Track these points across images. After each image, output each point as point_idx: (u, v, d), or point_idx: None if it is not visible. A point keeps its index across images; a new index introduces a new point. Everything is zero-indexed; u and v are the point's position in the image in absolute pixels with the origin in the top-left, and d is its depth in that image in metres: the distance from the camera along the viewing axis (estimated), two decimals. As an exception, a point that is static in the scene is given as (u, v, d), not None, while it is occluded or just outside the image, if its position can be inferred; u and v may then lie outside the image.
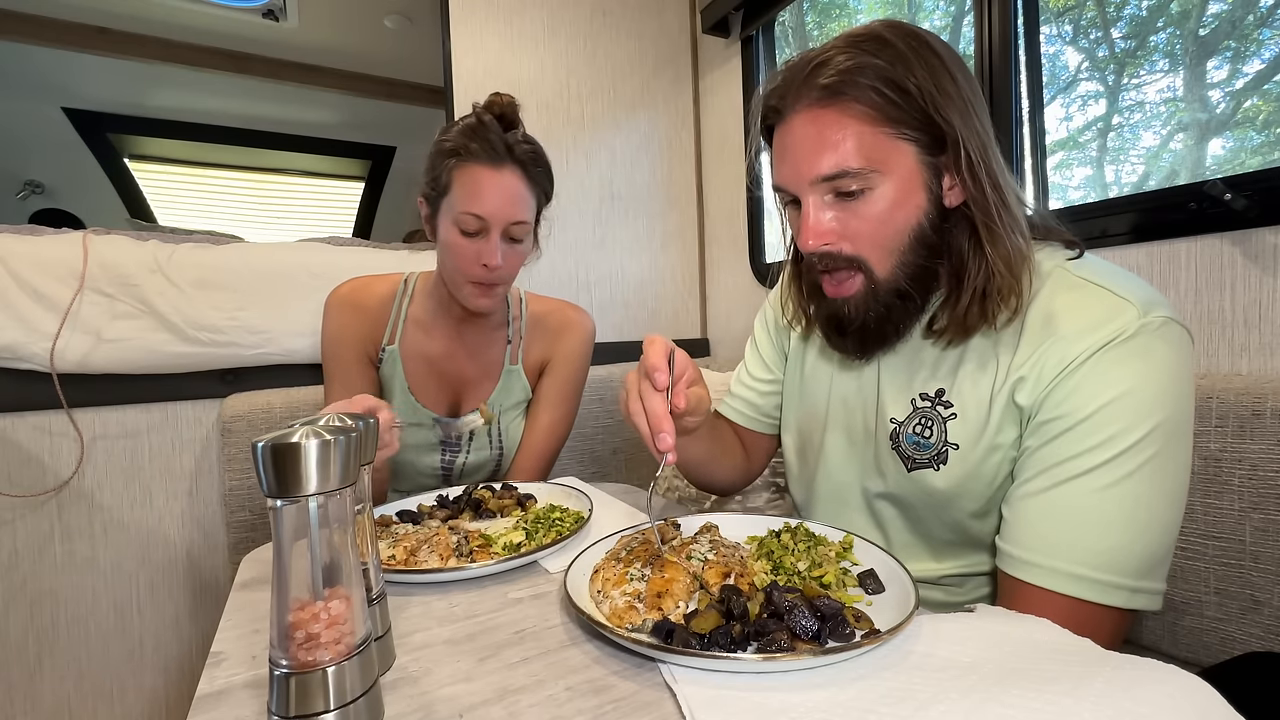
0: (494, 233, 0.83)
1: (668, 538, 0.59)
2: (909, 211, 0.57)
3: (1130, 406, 0.51)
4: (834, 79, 0.54)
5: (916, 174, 0.56)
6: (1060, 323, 0.55)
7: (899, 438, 0.65)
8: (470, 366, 0.97)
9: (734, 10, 1.59)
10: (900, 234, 0.57)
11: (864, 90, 0.54)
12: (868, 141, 0.55)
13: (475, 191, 0.82)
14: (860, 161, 0.55)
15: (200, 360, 1.14)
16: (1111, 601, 0.51)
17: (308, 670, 0.35)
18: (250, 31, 2.14)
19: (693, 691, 0.39)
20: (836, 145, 0.55)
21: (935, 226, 0.58)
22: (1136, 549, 0.51)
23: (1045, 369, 0.54)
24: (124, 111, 2.45)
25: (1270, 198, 0.75)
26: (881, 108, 0.54)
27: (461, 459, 0.98)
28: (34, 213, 2.57)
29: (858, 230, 0.57)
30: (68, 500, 1.10)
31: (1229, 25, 0.92)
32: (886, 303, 0.59)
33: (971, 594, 0.66)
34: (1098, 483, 0.51)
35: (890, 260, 0.58)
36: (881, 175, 0.56)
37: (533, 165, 0.86)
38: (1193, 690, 0.34)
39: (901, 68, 0.53)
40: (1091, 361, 0.52)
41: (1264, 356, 0.77)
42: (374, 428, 0.47)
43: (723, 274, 1.79)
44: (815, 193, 0.58)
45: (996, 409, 0.57)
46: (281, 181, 2.99)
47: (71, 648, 1.11)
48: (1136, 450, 0.51)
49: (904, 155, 0.55)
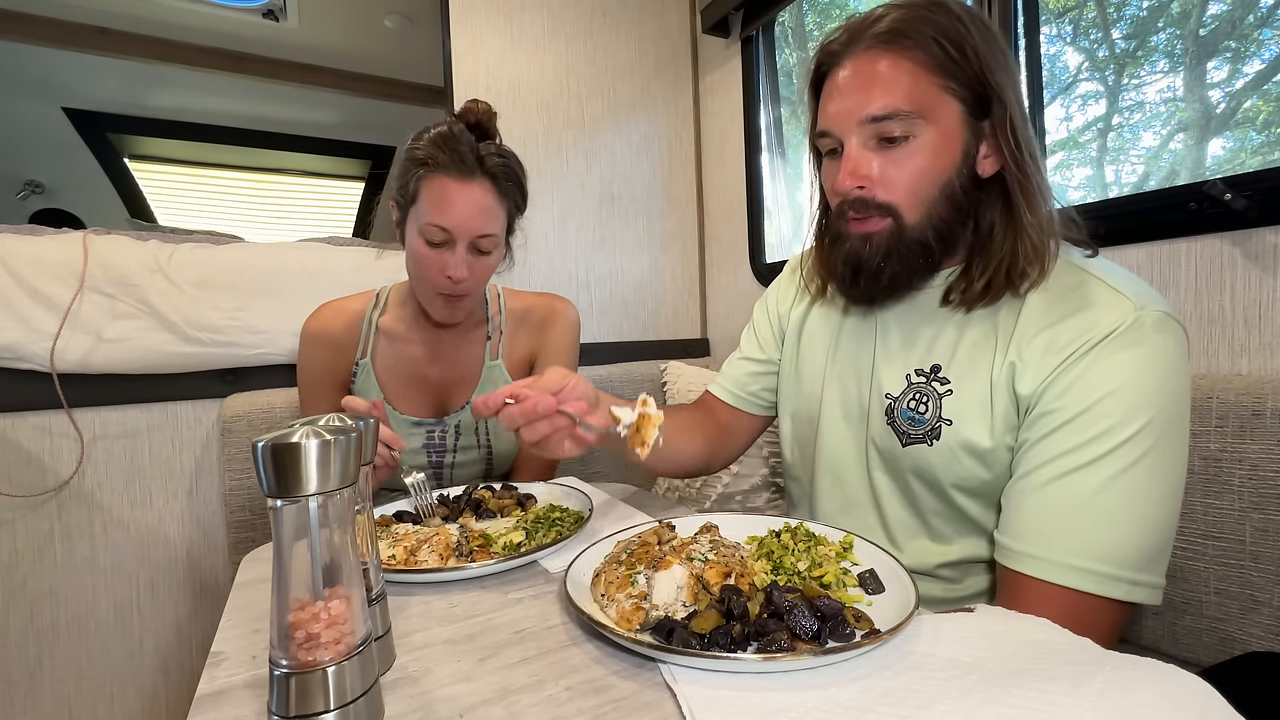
0: (459, 245, 0.83)
1: (664, 539, 0.59)
2: (944, 166, 0.58)
3: (1127, 400, 0.52)
4: (898, 25, 0.57)
5: (958, 131, 0.58)
6: (1057, 313, 0.56)
7: (894, 413, 0.65)
8: (450, 368, 0.98)
9: (734, 10, 1.59)
10: (934, 185, 0.59)
11: (924, 39, 0.56)
12: (920, 88, 0.56)
13: (441, 204, 0.81)
14: (910, 105, 0.56)
15: (200, 360, 1.14)
16: (1111, 593, 0.51)
17: (308, 670, 0.35)
18: (250, 31, 2.14)
19: (693, 691, 0.39)
20: (891, 86, 0.57)
21: (965, 188, 0.59)
22: (1136, 541, 0.52)
23: (1043, 359, 0.56)
24: (124, 111, 2.45)
25: (1270, 198, 0.75)
26: (939, 59, 0.56)
27: (450, 458, 0.98)
28: (34, 213, 2.57)
29: (894, 177, 0.59)
30: (68, 500, 1.10)
31: (1229, 25, 0.92)
32: (907, 250, 0.60)
33: (971, 589, 0.66)
34: (1097, 476, 0.52)
35: (919, 210, 0.59)
36: (926, 124, 0.57)
37: (504, 178, 0.85)
38: (1193, 690, 0.34)
39: (961, 29, 0.56)
40: (1090, 356, 0.53)
41: (1264, 356, 0.77)
42: (374, 428, 0.47)
43: (723, 274, 1.78)
44: (860, 134, 0.59)
45: (995, 390, 0.58)
46: (281, 181, 2.99)
47: (71, 648, 1.11)
48: (1134, 443, 0.51)
49: (950, 110, 0.57)
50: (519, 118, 1.55)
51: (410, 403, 0.97)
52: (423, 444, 0.96)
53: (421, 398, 0.97)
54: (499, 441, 0.99)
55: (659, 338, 1.77)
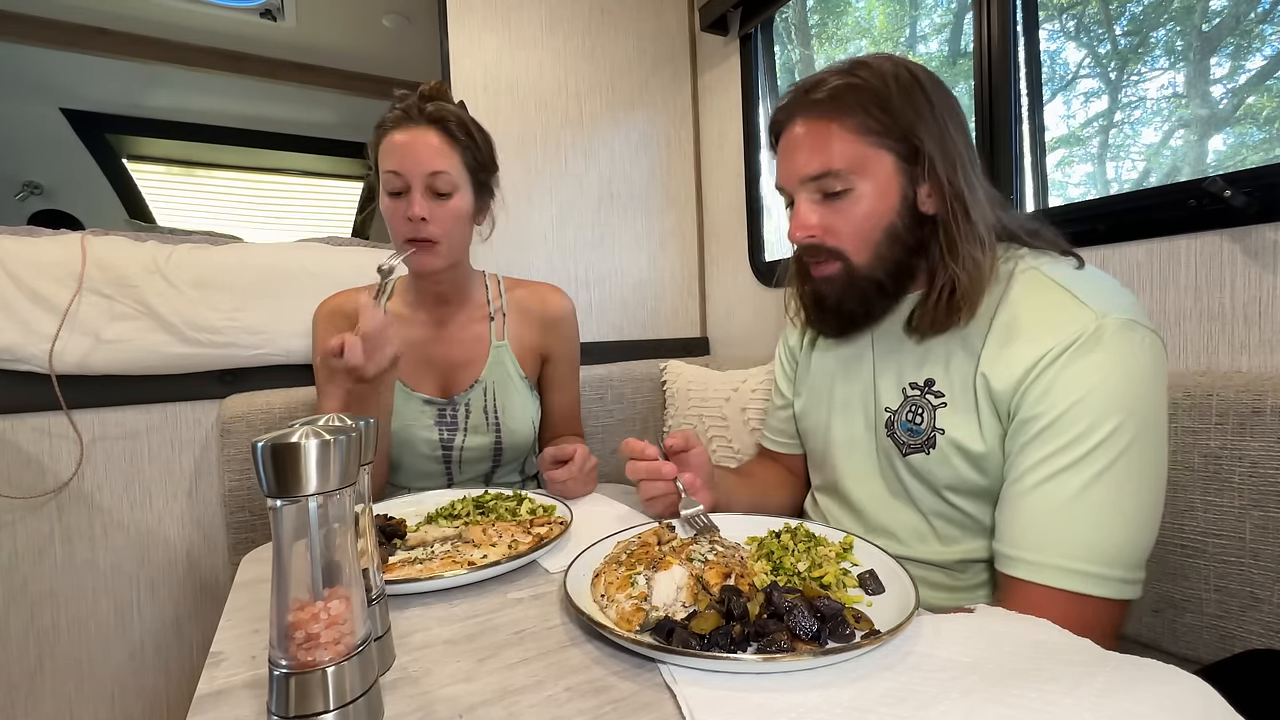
0: (415, 187, 0.87)
1: (664, 539, 0.59)
2: (884, 211, 0.64)
3: (1097, 403, 0.54)
4: (827, 94, 0.64)
5: (894, 179, 0.64)
6: (1023, 325, 0.60)
7: (894, 425, 0.70)
8: (456, 348, 1.01)
9: (732, 8, 1.58)
10: (876, 230, 0.65)
11: (853, 106, 0.63)
12: (851, 149, 0.63)
13: (391, 151, 0.87)
14: (843, 163, 0.63)
15: (199, 361, 1.14)
16: (1105, 593, 0.53)
17: (307, 670, 0.35)
18: (248, 31, 2.13)
19: (693, 692, 0.39)
20: (823, 149, 0.64)
21: (908, 227, 0.65)
22: (1127, 539, 0.54)
23: (1014, 369, 0.59)
24: (122, 112, 2.45)
25: (1270, 194, 0.74)
26: (865, 121, 0.63)
27: (460, 438, 0.99)
28: (32, 214, 2.57)
29: (838, 226, 0.66)
30: (67, 502, 1.09)
31: (1232, 21, 0.92)
32: (862, 289, 0.67)
33: (974, 579, 0.68)
34: (1078, 478, 0.54)
35: (866, 252, 0.66)
36: (861, 178, 0.64)
37: (451, 123, 0.90)
38: (1193, 690, 0.34)
39: (886, 91, 0.62)
40: (1058, 364, 0.56)
41: (1264, 353, 0.77)
42: (374, 427, 0.47)
43: (722, 273, 1.78)
44: (805, 191, 0.67)
45: (979, 401, 0.62)
46: (280, 181, 2.99)
47: (72, 649, 1.11)
48: (1109, 444, 0.54)
49: (883, 163, 0.64)
50: (517, 117, 1.54)
51: (420, 383, 0.99)
52: (434, 421, 0.98)
53: (430, 378, 1.00)
54: (509, 419, 1.01)
55: (658, 336, 1.77)
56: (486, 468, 1.02)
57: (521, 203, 1.55)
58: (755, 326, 1.66)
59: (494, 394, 1.00)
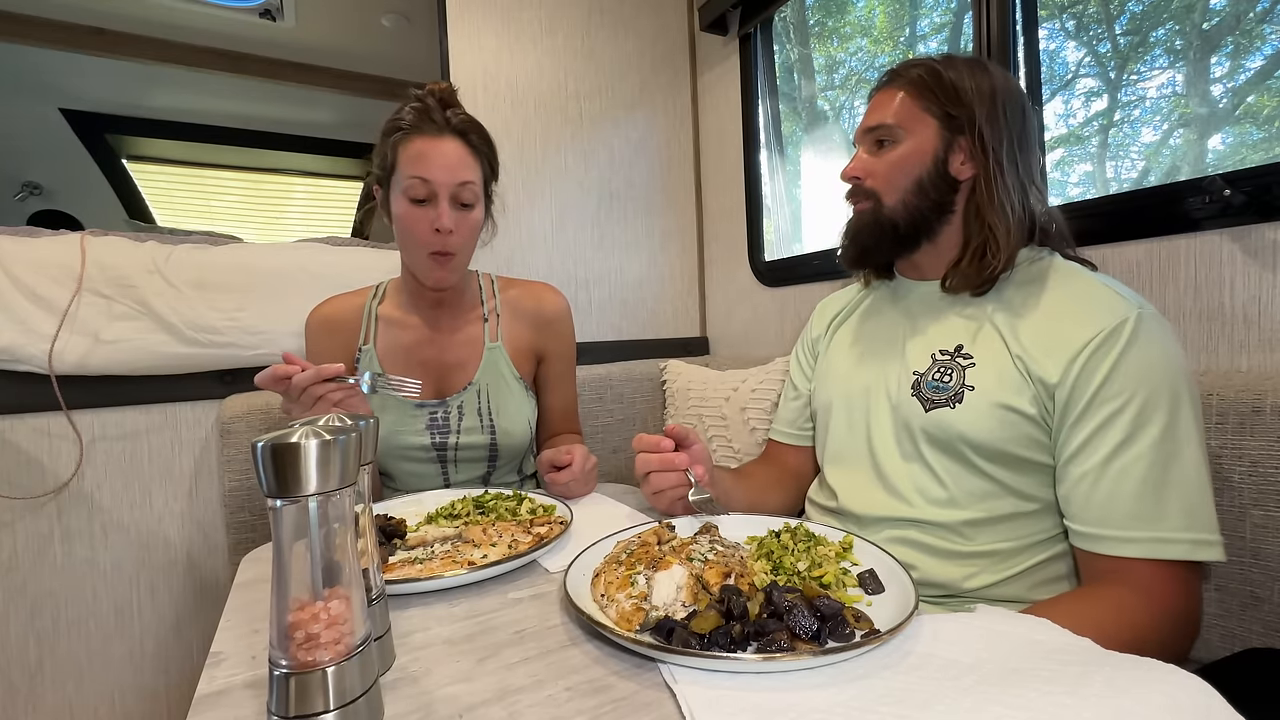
0: (442, 197, 0.87)
1: (664, 539, 0.59)
2: (916, 163, 0.74)
3: (1160, 383, 0.59)
4: (907, 70, 0.76)
5: (931, 141, 0.74)
6: (1066, 309, 0.65)
7: (920, 385, 0.74)
8: (449, 350, 1.00)
9: (732, 8, 1.58)
10: (906, 177, 0.75)
11: (912, 77, 0.75)
12: (905, 109, 0.75)
13: (419, 158, 0.86)
14: (894, 120, 0.75)
15: (199, 361, 1.14)
16: (1213, 556, 0.57)
17: (307, 670, 0.35)
18: (247, 31, 2.13)
19: (693, 692, 0.39)
20: (885, 108, 0.76)
21: (934, 183, 0.74)
22: (1203, 500, 0.58)
23: (1061, 348, 0.63)
24: (122, 112, 2.45)
25: (1269, 194, 0.75)
26: (919, 90, 0.74)
27: (454, 439, 0.98)
28: (32, 214, 2.57)
29: (877, 169, 0.77)
30: (67, 502, 1.09)
31: (1232, 20, 0.92)
32: (882, 228, 0.77)
33: (982, 545, 0.68)
34: (1157, 453, 0.58)
35: (894, 195, 0.76)
36: (906, 133, 0.75)
37: (473, 134, 0.90)
38: (1193, 690, 0.34)
39: (946, 70, 0.73)
40: (1115, 348, 0.60)
41: (1263, 353, 0.77)
42: (374, 427, 0.47)
43: (722, 273, 1.78)
44: (864, 141, 0.79)
45: (1013, 373, 0.66)
46: (280, 181, 2.99)
47: (72, 649, 1.11)
48: (1178, 419, 0.59)
49: (927, 125, 0.74)
50: (517, 116, 1.54)
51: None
52: (425, 425, 0.97)
53: (423, 380, 0.99)
54: (503, 420, 1.00)
55: (658, 336, 1.77)
56: (483, 469, 1.02)
57: (521, 203, 1.55)
58: (755, 326, 1.66)
59: (488, 396, 0.99)
